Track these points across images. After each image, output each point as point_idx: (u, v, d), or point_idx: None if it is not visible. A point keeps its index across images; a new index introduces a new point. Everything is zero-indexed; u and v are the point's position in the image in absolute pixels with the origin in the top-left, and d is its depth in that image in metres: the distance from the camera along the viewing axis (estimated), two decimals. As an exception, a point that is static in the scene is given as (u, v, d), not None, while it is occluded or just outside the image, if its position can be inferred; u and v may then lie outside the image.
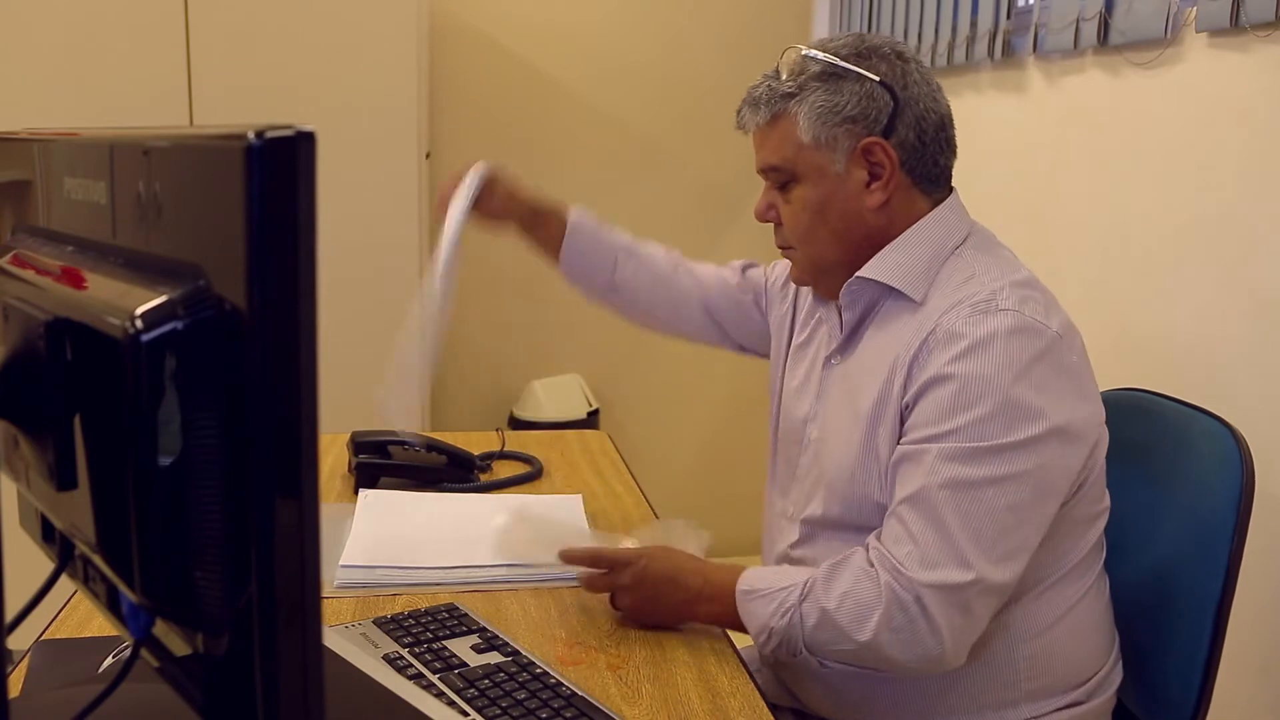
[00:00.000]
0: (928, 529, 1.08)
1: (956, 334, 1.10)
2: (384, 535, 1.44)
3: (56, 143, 0.72)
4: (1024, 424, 1.08)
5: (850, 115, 1.16)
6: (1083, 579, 1.22)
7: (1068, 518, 1.18)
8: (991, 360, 1.08)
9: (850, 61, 1.17)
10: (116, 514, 0.57)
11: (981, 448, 1.08)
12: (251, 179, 0.49)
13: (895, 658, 1.10)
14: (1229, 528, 1.19)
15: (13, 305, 0.63)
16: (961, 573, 1.07)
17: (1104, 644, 1.25)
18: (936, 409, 1.10)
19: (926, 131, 1.18)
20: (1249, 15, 1.65)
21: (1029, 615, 1.18)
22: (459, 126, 3.34)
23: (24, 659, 1.10)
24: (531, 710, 1.01)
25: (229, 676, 0.56)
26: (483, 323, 3.48)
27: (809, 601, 1.13)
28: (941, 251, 1.19)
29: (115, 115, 2.57)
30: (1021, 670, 1.18)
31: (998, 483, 1.07)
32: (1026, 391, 1.08)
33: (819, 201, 1.20)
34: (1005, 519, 1.08)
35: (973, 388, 1.08)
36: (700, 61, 3.41)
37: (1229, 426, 1.24)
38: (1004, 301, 1.11)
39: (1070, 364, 1.12)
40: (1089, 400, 1.15)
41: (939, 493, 1.08)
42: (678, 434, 3.66)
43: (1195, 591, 1.22)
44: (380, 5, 2.67)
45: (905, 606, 1.08)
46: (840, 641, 1.12)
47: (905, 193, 1.20)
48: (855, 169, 1.19)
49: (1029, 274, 1.18)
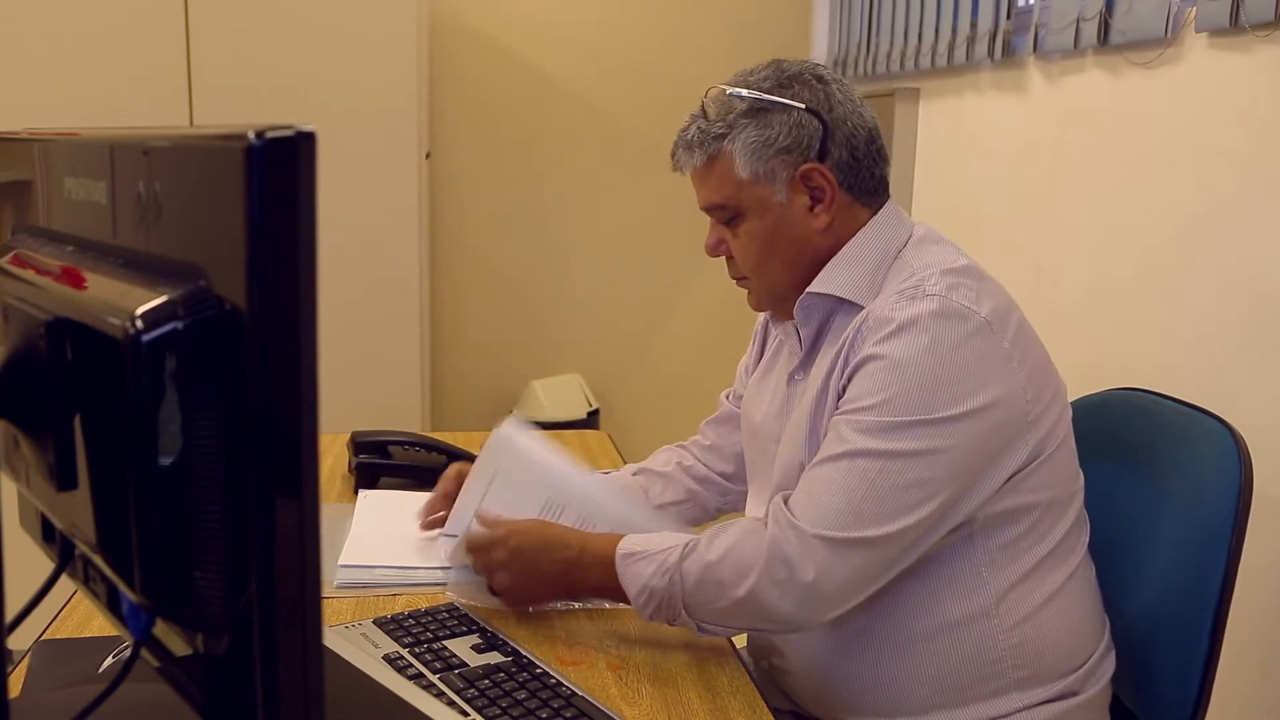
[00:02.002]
0: (828, 490, 1.12)
1: (885, 318, 1.14)
2: (384, 535, 1.44)
3: (56, 143, 0.72)
4: (941, 404, 1.10)
5: (783, 146, 1.20)
6: (1064, 563, 1.22)
7: (1035, 502, 1.19)
8: (914, 341, 1.12)
9: (774, 93, 1.21)
10: (116, 514, 0.57)
11: (895, 422, 1.11)
12: (252, 179, 0.49)
13: (774, 608, 1.11)
14: (1228, 527, 1.19)
15: (13, 305, 0.63)
16: (853, 529, 1.10)
17: (1093, 630, 1.25)
18: (859, 386, 1.14)
19: (858, 148, 1.22)
20: (1249, 15, 1.65)
21: (1012, 602, 1.19)
22: (459, 126, 3.34)
23: (24, 659, 1.10)
24: (531, 710, 1.01)
25: (229, 676, 0.56)
26: (483, 323, 3.48)
27: (690, 559, 1.15)
28: (886, 256, 1.23)
29: (115, 115, 2.57)
30: (1007, 658, 1.19)
31: (908, 457, 1.10)
32: (947, 372, 1.11)
33: (767, 232, 1.24)
34: (911, 494, 1.10)
35: (894, 366, 1.12)
36: (700, 61, 3.41)
37: (1228, 426, 1.24)
38: (931, 287, 1.15)
39: (1000, 349, 1.14)
40: (1024, 384, 1.15)
41: (847, 460, 1.12)
42: (678, 434, 3.65)
43: (1194, 592, 1.21)
44: (380, 5, 2.67)
45: (788, 559, 1.10)
46: (719, 598, 1.13)
47: (847, 209, 1.24)
48: (797, 196, 1.22)
49: (968, 263, 1.20)
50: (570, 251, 3.48)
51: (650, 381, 3.61)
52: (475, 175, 3.38)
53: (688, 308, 3.58)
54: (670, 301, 3.57)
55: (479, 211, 3.41)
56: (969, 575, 1.18)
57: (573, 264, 3.48)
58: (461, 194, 3.38)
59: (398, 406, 2.84)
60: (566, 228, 3.47)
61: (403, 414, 2.84)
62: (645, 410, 3.62)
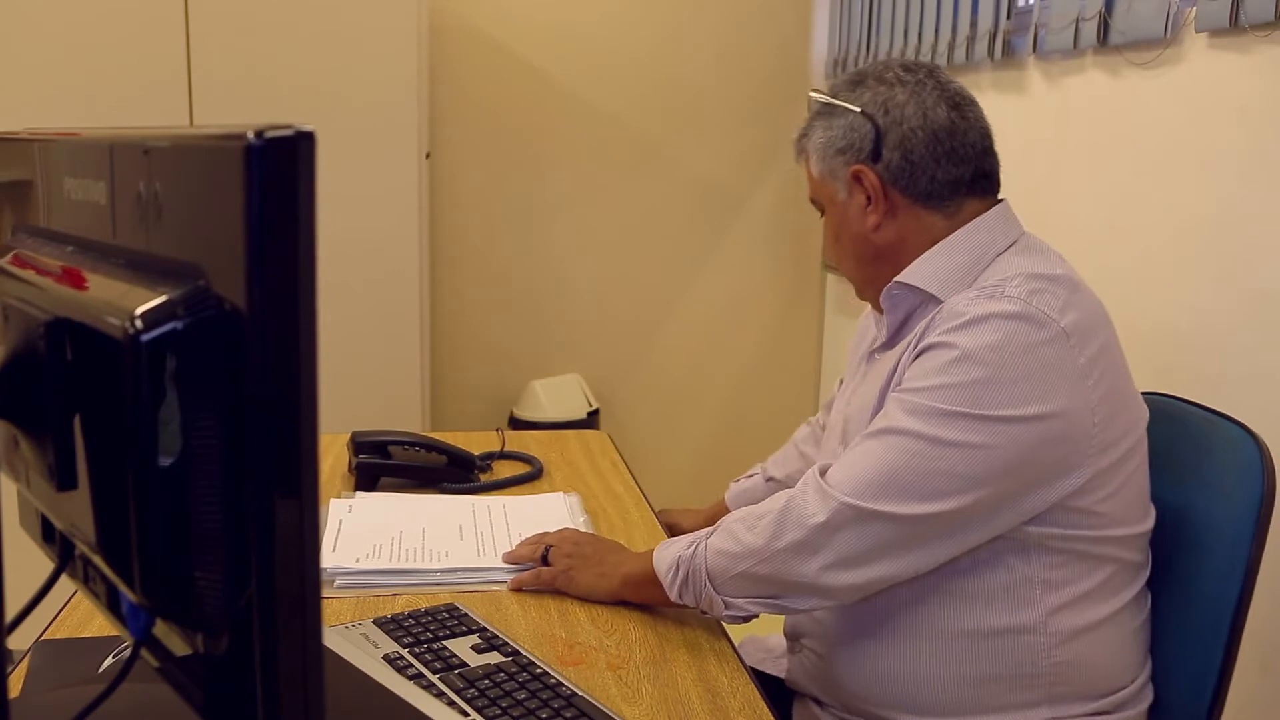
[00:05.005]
0: (864, 461, 1.13)
1: (959, 312, 1.15)
2: (383, 537, 1.44)
3: (56, 143, 0.72)
4: (994, 402, 1.10)
5: (840, 147, 1.26)
6: (1119, 595, 1.21)
7: (1101, 536, 1.17)
8: (983, 337, 1.11)
9: (840, 96, 1.27)
10: (116, 514, 0.57)
11: (943, 409, 1.11)
12: (251, 179, 0.49)
13: (791, 567, 1.14)
14: (1248, 535, 1.18)
15: (13, 305, 0.63)
16: (879, 501, 1.11)
17: (1136, 660, 1.25)
18: (920, 369, 1.15)
19: (914, 150, 1.23)
20: (1249, 15, 1.65)
21: (1060, 622, 1.18)
22: (459, 126, 3.34)
23: (24, 659, 1.10)
24: (531, 710, 1.01)
25: (229, 676, 0.56)
26: (483, 323, 3.48)
27: (718, 532, 1.20)
28: (983, 257, 1.23)
29: (115, 115, 2.57)
30: (1047, 674, 1.18)
31: (948, 446, 1.10)
32: (1009, 373, 1.10)
33: (834, 227, 1.31)
34: (943, 481, 1.10)
35: (957, 356, 1.12)
36: (701, 61, 3.41)
37: (1252, 434, 1.23)
38: (1012, 289, 1.14)
39: (1074, 362, 1.12)
40: (1095, 405, 1.13)
41: (889, 437, 1.13)
42: (678, 434, 3.66)
43: (1211, 599, 1.21)
44: (380, 5, 2.67)
45: (804, 518, 1.13)
46: (739, 559, 1.17)
47: (908, 210, 1.25)
48: (855, 195, 1.27)
49: (1063, 273, 1.19)
50: (570, 251, 3.48)
51: (650, 381, 3.61)
52: (475, 175, 3.38)
53: (688, 308, 3.58)
54: (670, 301, 3.57)
55: (479, 211, 3.41)
56: (1023, 589, 1.17)
57: (573, 264, 3.48)
58: (461, 194, 3.38)
59: (398, 406, 2.84)
60: (566, 227, 3.47)
61: (403, 414, 2.84)
62: (645, 410, 3.62)
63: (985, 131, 1.28)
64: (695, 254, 3.56)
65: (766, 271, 3.60)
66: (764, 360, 3.66)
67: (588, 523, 1.51)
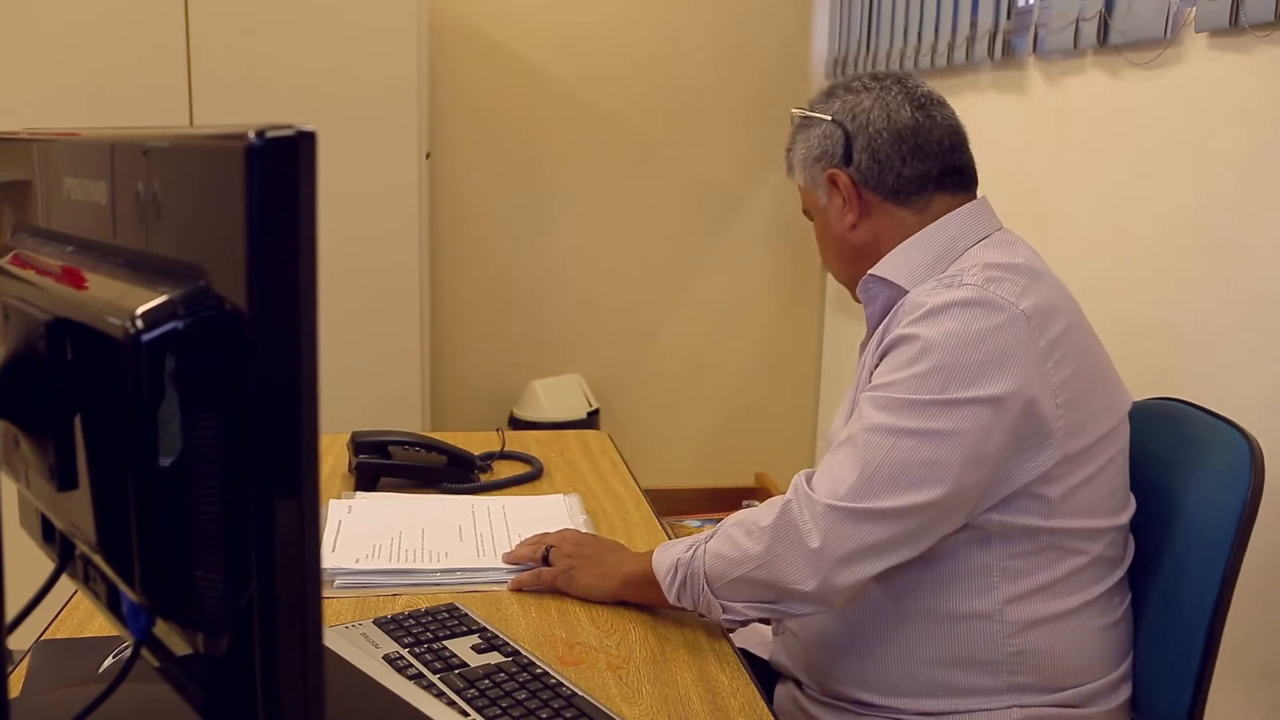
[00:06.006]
0: (843, 463, 1.16)
1: (919, 304, 1.18)
2: (382, 537, 1.44)
3: (56, 143, 0.72)
4: (957, 385, 1.13)
5: (816, 155, 1.33)
6: (1085, 590, 1.22)
7: (1066, 528, 1.18)
8: (942, 325, 1.15)
9: (815, 109, 1.34)
10: (116, 514, 0.57)
11: (911, 399, 1.13)
12: (252, 179, 0.49)
13: (787, 573, 1.15)
14: (1228, 540, 1.18)
15: (13, 305, 0.63)
16: (861, 500, 1.13)
17: (1109, 656, 1.25)
18: (888, 365, 1.18)
19: (880, 150, 1.29)
20: (1248, 15, 1.65)
21: (1016, 612, 1.19)
22: (459, 126, 3.34)
23: (24, 659, 1.10)
24: (531, 710, 1.01)
25: (229, 676, 0.56)
26: (483, 323, 3.48)
27: (717, 536, 1.22)
28: (950, 251, 1.26)
29: (115, 115, 2.57)
30: (1004, 663, 1.20)
31: (921, 435, 1.13)
32: (970, 358, 1.13)
33: (820, 231, 1.38)
34: (922, 471, 1.12)
35: (918, 347, 1.15)
36: (700, 61, 3.41)
37: (1248, 437, 1.23)
38: (969, 278, 1.18)
39: (1034, 345, 1.14)
40: (1057, 388, 1.15)
41: (865, 435, 1.15)
42: (677, 434, 3.66)
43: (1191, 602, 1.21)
44: (380, 5, 2.67)
45: (796, 524, 1.14)
46: (736, 564, 1.18)
47: (880, 208, 1.31)
48: (833, 198, 1.33)
49: (1023, 262, 1.21)
50: (570, 251, 3.48)
51: (650, 381, 3.61)
52: (475, 175, 3.38)
53: (688, 308, 3.58)
54: (670, 301, 3.57)
55: (479, 211, 3.41)
56: (980, 576, 1.19)
57: (573, 264, 3.48)
58: (461, 194, 3.38)
59: (398, 406, 2.84)
60: (566, 228, 3.47)
61: (403, 414, 2.84)
62: (645, 410, 3.62)
63: (953, 129, 1.31)
64: (695, 254, 3.56)
65: (766, 271, 3.60)
66: (764, 360, 3.66)
67: (588, 523, 1.52)
